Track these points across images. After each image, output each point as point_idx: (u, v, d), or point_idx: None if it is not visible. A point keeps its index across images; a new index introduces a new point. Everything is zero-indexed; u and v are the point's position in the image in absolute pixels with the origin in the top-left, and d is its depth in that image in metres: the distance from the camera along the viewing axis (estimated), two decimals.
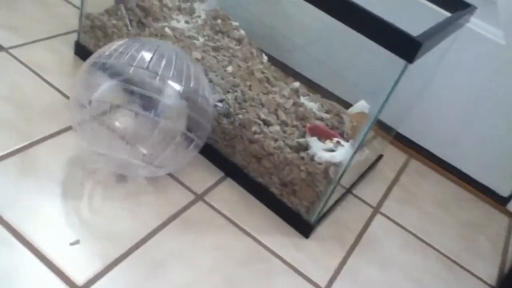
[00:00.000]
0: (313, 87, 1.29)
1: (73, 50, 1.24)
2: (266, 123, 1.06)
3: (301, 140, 1.02)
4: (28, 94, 1.08)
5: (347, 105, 1.23)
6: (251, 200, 1.04)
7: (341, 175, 0.93)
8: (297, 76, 1.32)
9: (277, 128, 1.06)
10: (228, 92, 1.10)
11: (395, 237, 1.11)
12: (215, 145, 1.08)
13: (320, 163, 0.96)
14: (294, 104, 1.16)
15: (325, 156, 0.95)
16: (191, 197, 1.00)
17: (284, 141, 1.02)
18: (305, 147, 1.01)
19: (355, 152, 0.89)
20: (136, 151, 0.99)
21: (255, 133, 1.02)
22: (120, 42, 0.94)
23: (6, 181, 0.88)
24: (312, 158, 0.98)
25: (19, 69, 1.13)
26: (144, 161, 0.95)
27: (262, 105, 1.11)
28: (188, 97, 0.98)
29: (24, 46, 1.21)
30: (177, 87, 0.95)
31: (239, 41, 1.29)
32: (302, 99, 1.21)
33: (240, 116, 1.05)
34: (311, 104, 1.21)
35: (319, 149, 0.96)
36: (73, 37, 1.25)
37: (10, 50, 1.17)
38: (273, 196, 1.02)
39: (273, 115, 1.10)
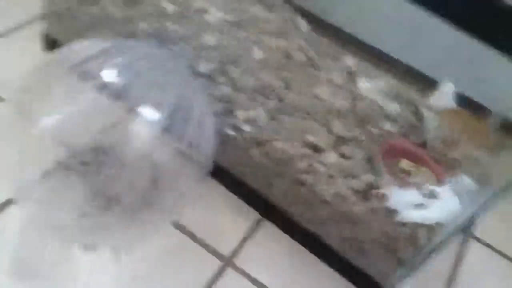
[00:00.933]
0: (374, 58, 0.90)
1: (41, 45, 0.88)
2: (317, 150, 0.72)
3: (373, 179, 0.68)
4: None
5: (427, 83, 0.86)
6: (299, 253, 0.75)
7: (441, 242, 0.62)
8: (352, 45, 0.92)
9: (333, 155, 0.72)
10: (257, 101, 0.74)
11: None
12: (244, 178, 0.76)
13: (404, 224, 0.64)
14: (351, 97, 0.80)
15: (415, 216, 0.62)
16: (216, 262, 0.71)
17: (344, 179, 0.69)
18: (379, 193, 0.68)
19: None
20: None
21: (302, 171, 0.69)
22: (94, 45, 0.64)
23: None
24: (391, 213, 0.65)
25: None
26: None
27: (308, 114, 0.75)
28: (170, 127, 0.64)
29: None
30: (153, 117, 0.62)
31: (270, 6, 0.87)
32: (362, 85, 0.84)
33: (278, 144, 0.70)
34: (374, 90, 0.84)
35: (405, 204, 0.63)
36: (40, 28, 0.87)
37: None
38: (331, 251, 0.73)
39: (325, 128, 0.75)
